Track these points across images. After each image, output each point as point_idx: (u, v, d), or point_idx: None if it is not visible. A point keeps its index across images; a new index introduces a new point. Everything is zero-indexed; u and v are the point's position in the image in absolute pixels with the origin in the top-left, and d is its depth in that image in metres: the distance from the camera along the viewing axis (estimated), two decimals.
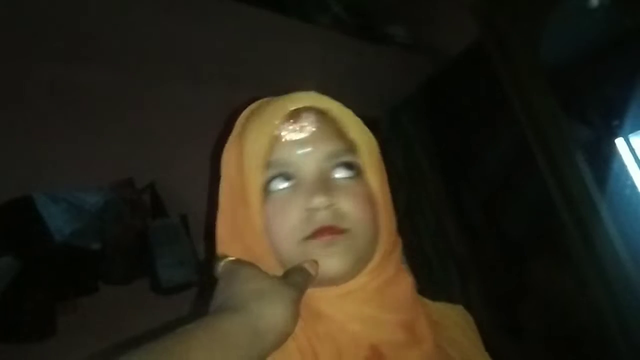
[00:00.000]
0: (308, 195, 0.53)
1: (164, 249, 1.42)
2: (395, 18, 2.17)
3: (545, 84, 1.63)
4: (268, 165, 0.55)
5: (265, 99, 0.63)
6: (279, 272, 0.55)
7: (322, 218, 0.53)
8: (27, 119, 1.37)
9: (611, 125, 1.78)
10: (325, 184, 0.54)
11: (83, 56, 1.49)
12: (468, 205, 1.94)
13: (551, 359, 1.52)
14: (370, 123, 0.63)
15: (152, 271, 1.41)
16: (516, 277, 1.69)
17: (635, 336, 1.34)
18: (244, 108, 0.64)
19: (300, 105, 0.57)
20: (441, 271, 1.92)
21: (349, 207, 0.54)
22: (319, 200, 0.52)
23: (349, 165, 0.57)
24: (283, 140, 0.56)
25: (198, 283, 1.47)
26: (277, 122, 0.56)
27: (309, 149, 0.55)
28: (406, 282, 0.60)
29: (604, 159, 1.67)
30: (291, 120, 0.56)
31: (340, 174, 0.56)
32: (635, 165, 2.09)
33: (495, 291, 1.79)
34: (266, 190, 0.56)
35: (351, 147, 0.58)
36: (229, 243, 0.59)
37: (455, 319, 0.66)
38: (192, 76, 1.70)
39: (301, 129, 0.56)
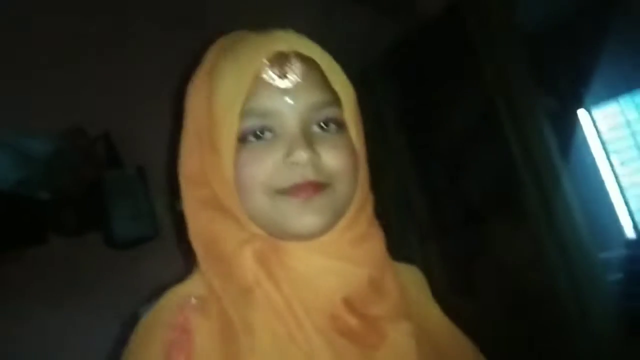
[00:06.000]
0: (290, 148, 0.50)
1: (119, 201, 1.36)
2: None
3: (518, 50, 1.62)
4: (246, 112, 0.51)
5: (240, 33, 0.58)
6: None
7: (304, 173, 0.50)
8: None
9: (577, 95, 1.81)
10: (308, 138, 0.51)
11: None
12: (431, 167, 1.95)
13: (505, 319, 1.57)
14: None
15: (106, 224, 1.36)
16: (474, 239, 1.73)
17: (587, 300, 1.40)
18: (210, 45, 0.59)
19: (284, 49, 0.53)
20: (401, 230, 1.93)
21: (332, 161, 0.52)
22: (302, 155, 0.49)
23: (332, 119, 0.54)
24: (266, 85, 0.51)
25: (155, 237, 1.43)
26: (259, 64, 0.51)
27: (294, 100, 0.51)
28: (378, 238, 0.59)
29: (568, 128, 1.70)
30: (276, 65, 0.52)
31: (323, 126, 0.54)
32: (595, 135, 2.16)
33: (453, 252, 1.83)
34: (240, 139, 0.52)
35: (335, 100, 0.55)
36: (196, 188, 0.56)
37: (411, 278, 0.67)
38: (153, 19, 1.60)
39: (287, 77, 0.51)
